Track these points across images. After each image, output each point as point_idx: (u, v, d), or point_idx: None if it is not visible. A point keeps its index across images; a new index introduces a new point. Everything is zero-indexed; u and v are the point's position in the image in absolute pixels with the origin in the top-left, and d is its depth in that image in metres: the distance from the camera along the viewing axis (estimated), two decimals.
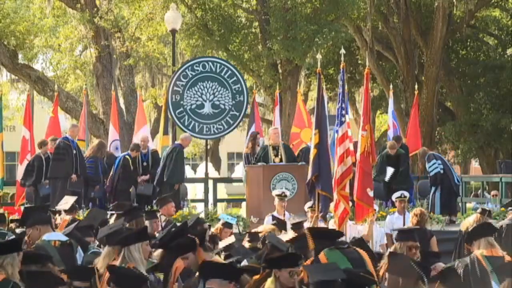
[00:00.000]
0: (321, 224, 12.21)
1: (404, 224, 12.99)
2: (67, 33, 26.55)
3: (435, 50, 26.13)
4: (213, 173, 24.30)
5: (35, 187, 16.42)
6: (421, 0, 27.91)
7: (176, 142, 16.80)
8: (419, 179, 19.25)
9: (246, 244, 9.40)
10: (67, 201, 11.96)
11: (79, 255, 8.48)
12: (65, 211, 11.71)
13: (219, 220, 11.73)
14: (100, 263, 7.20)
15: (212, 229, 11.40)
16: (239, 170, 22.53)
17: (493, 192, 22.44)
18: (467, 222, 10.71)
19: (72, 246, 8.38)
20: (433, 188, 16.39)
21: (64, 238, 8.29)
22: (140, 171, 16.78)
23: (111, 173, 16.64)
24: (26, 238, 8.42)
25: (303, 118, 19.54)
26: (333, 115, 16.44)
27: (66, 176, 15.70)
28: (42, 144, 16.87)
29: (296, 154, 16.37)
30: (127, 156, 16.78)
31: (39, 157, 16.57)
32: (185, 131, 17.31)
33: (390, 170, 16.39)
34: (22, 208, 16.41)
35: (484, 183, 22.76)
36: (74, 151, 15.86)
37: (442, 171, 16.05)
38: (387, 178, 16.53)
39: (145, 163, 16.95)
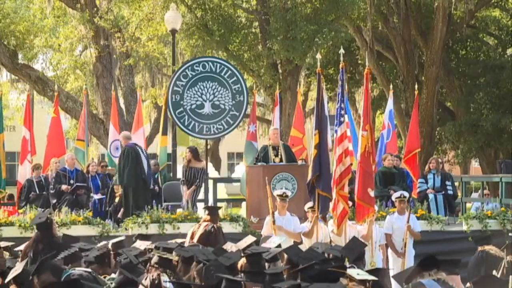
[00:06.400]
0: (321, 225, 12.21)
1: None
2: (67, 33, 26.54)
3: (435, 50, 26.09)
4: (213, 173, 24.32)
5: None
6: (421, 0, 27.87)
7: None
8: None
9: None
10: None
11: None
12: None
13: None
14: None
15: (195, 227, 11.45)
16: (239, 170, 22.51)
17: (485, 191, 22.58)
18: None
19: None
20: (431, 196, 16.68)
21: None
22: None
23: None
24: None
25: (303, 123, 19.50)
26: (333, 115, 16.40)
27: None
28: (35, 167, 17.38)
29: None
30: None
31: (30, 181, 17.08)
32: (185, 131, 17.30)
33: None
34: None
35: (484, 183, 22.75)
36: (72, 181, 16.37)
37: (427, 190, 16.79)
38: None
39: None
